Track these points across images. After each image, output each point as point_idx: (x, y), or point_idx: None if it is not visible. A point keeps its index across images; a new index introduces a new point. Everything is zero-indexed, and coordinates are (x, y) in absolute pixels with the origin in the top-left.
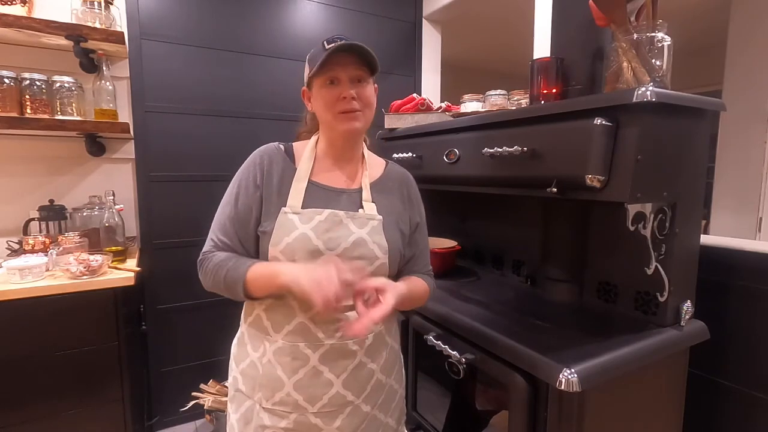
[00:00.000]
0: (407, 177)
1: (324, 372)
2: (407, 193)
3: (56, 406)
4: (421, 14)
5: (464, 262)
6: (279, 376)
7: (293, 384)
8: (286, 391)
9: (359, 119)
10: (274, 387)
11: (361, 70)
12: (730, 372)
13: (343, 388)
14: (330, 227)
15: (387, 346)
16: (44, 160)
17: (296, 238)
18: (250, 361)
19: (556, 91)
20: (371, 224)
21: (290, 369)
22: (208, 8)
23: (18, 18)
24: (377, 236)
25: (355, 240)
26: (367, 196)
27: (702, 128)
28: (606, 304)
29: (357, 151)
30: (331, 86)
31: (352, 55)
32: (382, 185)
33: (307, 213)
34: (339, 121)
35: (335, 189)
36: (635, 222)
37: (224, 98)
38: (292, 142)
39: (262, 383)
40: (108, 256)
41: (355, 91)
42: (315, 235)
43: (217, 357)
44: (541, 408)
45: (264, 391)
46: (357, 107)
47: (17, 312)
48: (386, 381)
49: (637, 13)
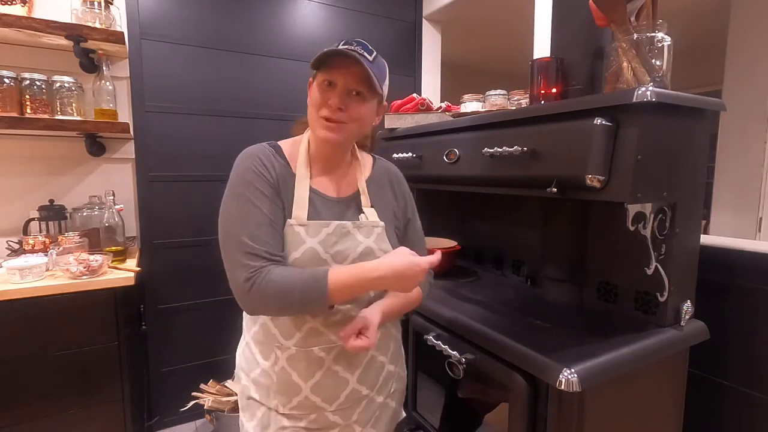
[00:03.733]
0: (396, 172)
1: (339, 371)
2: (398, 188)
3: (56, 406)
4: (421, 14)
5: (464, 262)
6: (295, 382)
7: (310, 387)
8: (303, 395)
9: (340, 132)
10: (290, 392)
11: (361, 85)
12: (730, 372)
13: (359, 384)
14: (338, 239)
15: (392, 337)
16: (44, 160)
17: (304, 252)
18: (261, 371)
19: (556, 91)
20: (376, 232)
21: (306, 373)
22: (208, 8)
23: (18, 18)
24: (383, 243)
25: (363, 250)
26: (366, 201)
27: (702, 128)
28: (606, 304)
29: (345, 155)
30: (327, 88)
31: (355, 66)
32: (375, 184)
33: (314, 225)
34: (319, 126)
35: (334, 198)
36: (635, 222)
37: (224, 98)
38: (277, 141)
39: (278, 390)
40: (108, 256)
41: (347, 103)
42: (323, 249)
43: (217, 357)
44: (541, 408)
45: (280, 398)
46: (341, 119)
47: (17, 312)
48: (395, 370)
49: (637, 13)
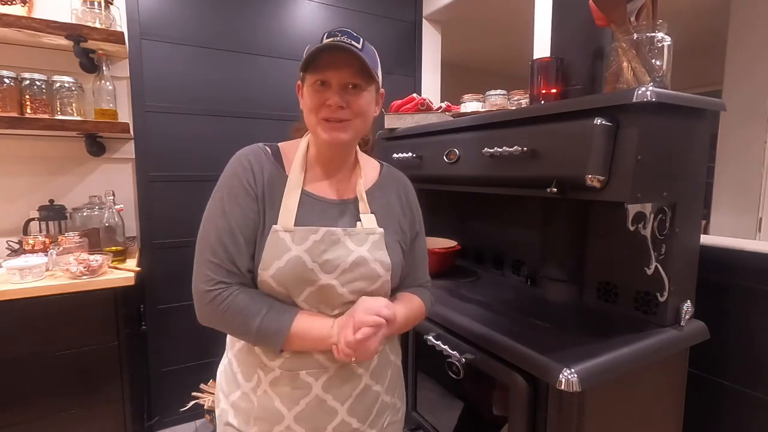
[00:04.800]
0: (405, 181)
1: (327, 400)
2: (406, 198)
3: (56, 406)
4: (421, 14)
5: (464, 262)
6: (277, 409)
7: (294, 416)
8: (285, 425)
9: (346, 130)
10: (272, 420)
11: (357, 77)
12: (730, 372)
13: (348, 416)
14: (327, 248)
15: (391, 365)
16: (44, 160)
17: (288, 261)
18: (241, 393)
19: (556, 91)
20: (371, 239)
21: (290, 400)
22: (208, 8)
23: (18, 18)
24: (378, 252)
25: (355, 260)
26: (364, 207)
27: (702, 128)
28: (606, 304)
29: (349, 157)
30: (320, 88)
31: (348, 58)
32: (379, 191)
33: (301, 232)
34: (322, 129)
35: (329, 201)
36: (635, 222)
37: (224, 98)
38: (278, 143)
39: (258, 416)
40: (108, 256)
41: (347, 99)
42: (310, 257)
43: (217, 357)
44: (541, 408)
45: (260, 425)
46: (345, 117)
47: (17, 312)
48: (391, 401)
49: (637, 13)
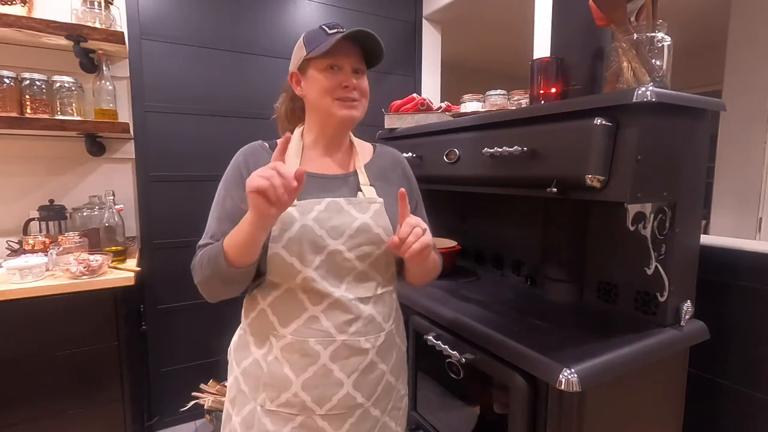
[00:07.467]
0: (399, 156)
1: (334, 371)
2: (402, 171)
3: (56, 406)
4: (421, 14)
5: (464, 262)
6: (286, 375)
7: (301, 383)
8: (293, 391)
9: (358, 109)
10: (280, 386)
11: (362, 63)
12: (730, 372)
13: (354, 389)
14: (331, 215)
15: (396, 347)
16: (44, 160)
17: (298, 230)
18: (253, 360)
19: (556, 91)
20: (373, 208)
21: (299, 367)
22: (208, 8)
23: (18, 18)
24: (381, 219)
25: (360, 226)
26: (364, 179)
27: (702, 128)
28: (606, 304)
29: (346, 138)
30: (332, 71)
31: (356, 47)
32: (376, 167)
33: (305, 204)
34: (338, 108)
35: (329, 176)
36: (635, 222)
37: (224, 98)
38: (277, 140)
39: (267, 383)
40: (108, 256)
41: (356, 82)
42: (318, 225)
43: (217, 357)
44: (541, 408)
45: (269, 392)
46: (356, 97)
47: (17, 312)
48: (395, 384)
49: (637, 13)
